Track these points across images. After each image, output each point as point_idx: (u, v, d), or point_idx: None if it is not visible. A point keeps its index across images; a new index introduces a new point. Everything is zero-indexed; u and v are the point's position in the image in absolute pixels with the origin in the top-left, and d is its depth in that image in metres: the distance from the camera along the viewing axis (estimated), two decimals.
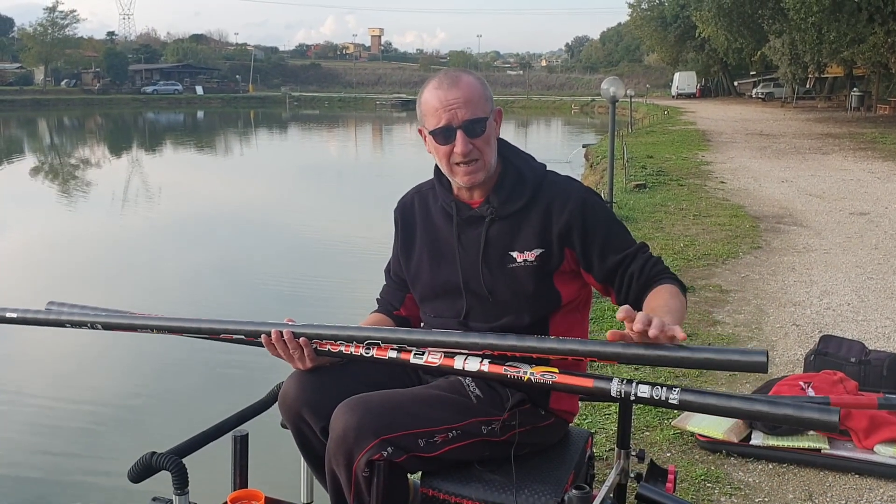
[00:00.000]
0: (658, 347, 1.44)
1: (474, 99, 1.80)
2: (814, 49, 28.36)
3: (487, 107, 1.83)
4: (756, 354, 1.38)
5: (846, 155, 17.07)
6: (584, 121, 51.11)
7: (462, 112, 1.78)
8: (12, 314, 2.01)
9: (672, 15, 54.08)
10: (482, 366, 1.60)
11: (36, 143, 37.51)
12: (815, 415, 1.35)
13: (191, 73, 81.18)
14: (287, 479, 2.34)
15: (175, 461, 1.77)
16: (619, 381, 1.49)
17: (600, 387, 1.51)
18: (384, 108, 69.43)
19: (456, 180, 1.87)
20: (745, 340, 4.82)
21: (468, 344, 1.60)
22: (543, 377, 1.55)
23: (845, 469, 3.13)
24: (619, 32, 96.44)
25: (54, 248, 11.97)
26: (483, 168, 1.83)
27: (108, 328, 1.91)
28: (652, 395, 1.45)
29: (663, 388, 1.45)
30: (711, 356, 1.42)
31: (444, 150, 1.82)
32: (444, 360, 1.63)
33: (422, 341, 1.64)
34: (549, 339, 1.56)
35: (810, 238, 8.07)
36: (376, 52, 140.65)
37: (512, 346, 1.57)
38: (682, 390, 1.44)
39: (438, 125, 1.80)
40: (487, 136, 1.83)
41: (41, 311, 2.03)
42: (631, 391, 1.47)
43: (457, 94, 1.79)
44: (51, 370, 6.87)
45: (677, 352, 1.44)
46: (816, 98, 45.51)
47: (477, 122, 1.80)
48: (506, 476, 1.78)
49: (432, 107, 1.81)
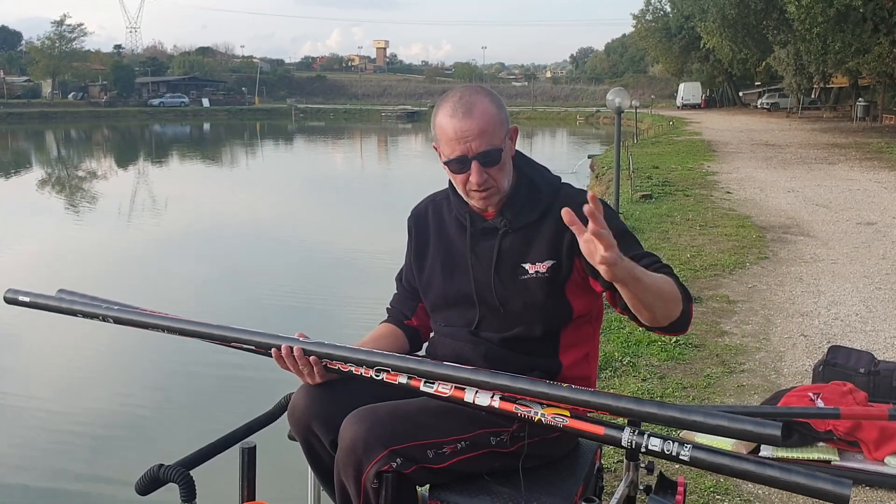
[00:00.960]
0: (670, 408, 1.44)
1: (490, 129, 1.78)
2: (819, 59, 28.35)
3: (502, 132, 1.81)
4: (770, 427, 1.36)
5: (852, 165, 17.04)
6: (590, 132, 51.16)
7: (476, 144, 1.77)
8: (25, 297, 2.00)
9: (677, 26, 54.18)
10: (493, 401, 1.58)
11: (43, 156, 37.69)
12: (828, 486, 1.31)
13: (197, 86, 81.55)
14: (295, 491, 2.34)
15: (183, 473, 1.76)
16: (630, 431, 1.48)
17: (611, 435, 1.50)
18: (390, 119, 69.63)
19: (470, 202, 1.88)
20: (753, 351, 4.80)
21: (479, 382, 1.59)
22: (554, 419, 1.54)
23: (856, 481, 3.10)
24: (624, 43, 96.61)
25: (60, 257, 12.01)
26: (497, 193, 1.84)
27: (119, 322, 1.90)
28: (662, 449, 1.43)
29: (675, 444, 1.43)
30: (725, 424, 1.40)
31: (459, 178, 1.83)
32: (455, 392, 1.61)
33: (432, 373, 1.62)
34: (560, 387, 1.53)
35: (817, 248, 8.04)
36: (382, 64, 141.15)
37: (523, 389, 1.55)
38: (693, 447, 1.42)
39: (453, 156, 1.79)
40: (502, 164, 1.82)
41: (53, 297, 2.02)
42: (642, 443, 1.45)
43: (471, 124, 1.77)
44: (57, 380, 6.88)
45: (689, 415, 1.43)
46: (822, 108, 45.48)
47: (491, 153, 1.78)
48: (514, 488, 1.77)
49: (447, 135, 1.80)
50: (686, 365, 4.55)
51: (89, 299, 2.02)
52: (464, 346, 1.90)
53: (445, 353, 1.94)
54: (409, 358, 1.67)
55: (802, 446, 3.21)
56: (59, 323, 7.95)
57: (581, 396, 1.50)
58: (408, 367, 1.65)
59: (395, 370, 1.65)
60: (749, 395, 4.07)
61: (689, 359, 4.65)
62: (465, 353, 1.89)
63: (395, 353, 1.69)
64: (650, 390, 4.11)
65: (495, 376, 1.58)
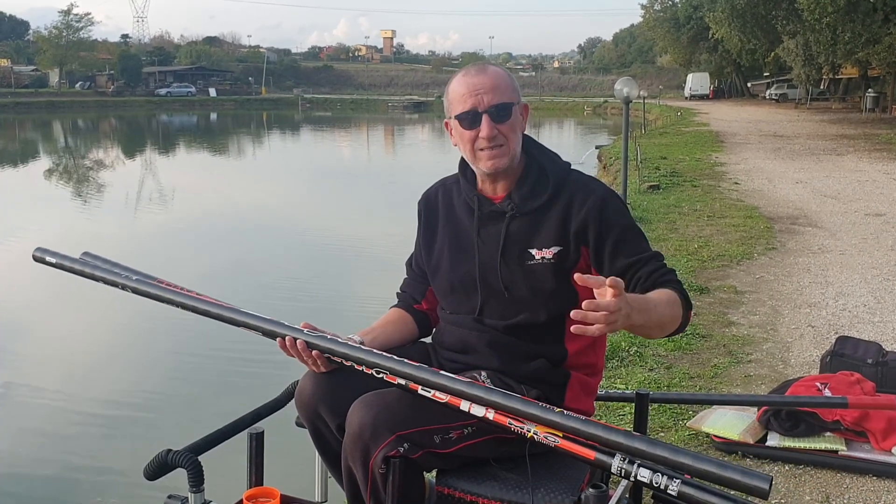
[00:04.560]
0: (660, 447, 1.43)
1: (501, 86, 1.82)
2: (828, 50, 28.14)
3: (514, 95, 1.84)
4: (758, 479, 1.34)
5: (861, 156, 16.95)
6: (597, 122, 50.99)
7: (488, 97, 1.80)
8: (52, 258, 2.06)
9: (685, 16, 53.86)
10: (487, 413, 1.58)
11: (51, 145, 37.79)
12: None
13: (204, 76, 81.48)
14: (302, 477, 2.34)
15: (191, 459, 1.77)
16: (620, 459, 1.46)
17: (602, 460, 1.49)
18: (396, 109, 69.48)
19: (479, 167, 1.87)
20: (761, 341, 4.79)
21: (472, 396, 1.58)
22: (546, 438, 1.54)
23: (863, 471, 3.10)
24: (632, 34, 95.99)
25: (73, 243, 12.03)
26: (507, 154, 1.83)
27: (137, 293, 1.92)
28: (651, 481, 1.42)
29: (664, 477, 1.41)
30: (713, 469, 1.38)
31: (469, 134, 1.83)
32: (451, 400, 1.62)
33: (428, 381, 1.63)
34: (552, 412, 1.52)
35: (825, 239, 8.01)
36: (388, 54, 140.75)
37: (514, 409, 1.55)
38: (682, 482, 1.41)
39: (464, 109, 1.81)
40: (513, 122, 1.83)
41: (77, 259, 2.06)
42: (632, 472, 1.44)
43: (484, 79, 1.81)
44: (67, 363, 6.93)
45: (678, 456, 1.41)
46: (831, 99, 45.18)
47: (503, 107, 1.80)
48: (521, 474, 1.77)
49: (459, 93, 1.83)
50: (693, 355, 4.54)
51: (111, 265, 2.06)
52: (469, 333, 1.90)
53: (451, 340, 1.94)
54: (406, 363, 1.66)
55: (809, 436, 3.21)
56: (71, 306, 7.98)
57: (572, 424, 1.50)
58: (405, 372, 1.65)
59: (393, 374, 1.66)
60: (756, 385, 4.06)
61: (697, 349, 4.64)
62: (469, 341, 1.90)
63: (393, 357, 1.68)
64: (657, 380, 4.11)
65: (489, 392, 1.57)
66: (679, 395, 3.65)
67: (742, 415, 3.43)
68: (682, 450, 1.43)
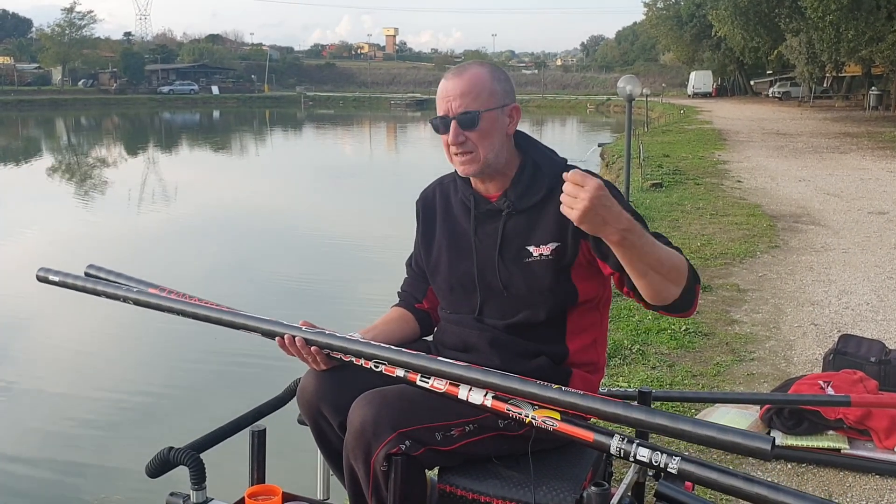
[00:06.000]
0: (660, 415, 1.42)
1: (474, 91, 1.79)
2: (831, 48, 28.08)
3: (491, 101, 1.80)
4: (759, 440, 1.33)
5: (864, 154, 16.92)
6: (600, 120, 50.94)
7: (457, 103, 1.79)
8: (55, 277, 2.09)
9: (688, 14, 53.80)
10: (485, 399, 1.58)
11: (54, 143, 37.81)
12: None
13: (207, 74, 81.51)
14: (304, 474, 2.35)
15: (193, 456, 1.78)
16: (619, 439, 1.45)
17: (600, 441, 1.48)
18: (399, 107, 69.43)
19: (455, 167, 1.88)
20: (763, 340, 4.78)
21: (470, 379, 1.58)
22: (545, 422, 1.53)
23: (865, 469, 3.10)
24: (635, 31, 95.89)
25: (73, 242, 12.07)
26: (477, 161, 1.82)
27: (139, 304, 1.94)
28: (651, 460, 1.41)
29: (663, 455, 1.41)
30: (714, 434, 1.37)
31: (443, 138, 1.84)
32: (449, 388, 1.61)
33: (426, 368, 1.62)
34: (549, 388, 1.51)
35: (828, 237, 8.00)
36: (391, 52, 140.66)
37: (513, 388, 1.54)
38: (682, 459, 1.40)
39: (438, 113, 1.83)
40: (484, 129, 1.80)
41: (80, 277, 2.11)
42: (631, 451, 1.43)
43: (456, 84, 1.80)
44: (70, 363, 6.94)
45: (679, 424, 1.40)
46: (834, 97, 45.07)
47: (470, 115, 1.78)
48: (523, 472, 1.77)
49: (438, 96, 1.85)
50: (696, 353, 4.54)
51: (115, 276, 2.12)
52: (469, 332, 1.90)
53: (452, 340, 1.94)
54: (404, 352, 1.65)
55: (812, 434, 3.20)
56: (74, 306, 7.99)
57: (570, 399, 1.49)
58: (403, 361, 1.64)
59: (392, 364, 1.66)
60: (759, 384, 4.06)
61: (699, 347, 4.64)
62: (470, 340, 1.89)
63: (391, 347, 1.68)
64: (659, 378, 4.10)
65: (486, 374, 1.57)
66: (681, 393, 3.65)
67: (745, 413, 3.42)
68: (681, 417, 1.42)
